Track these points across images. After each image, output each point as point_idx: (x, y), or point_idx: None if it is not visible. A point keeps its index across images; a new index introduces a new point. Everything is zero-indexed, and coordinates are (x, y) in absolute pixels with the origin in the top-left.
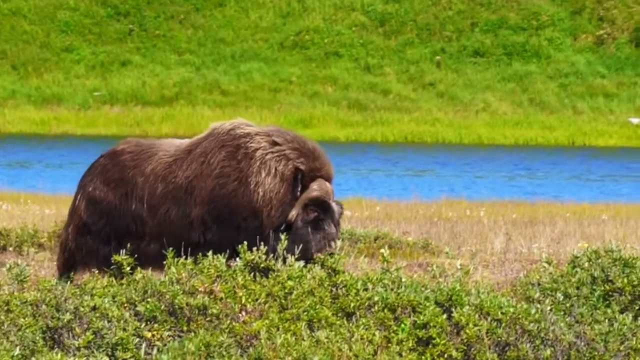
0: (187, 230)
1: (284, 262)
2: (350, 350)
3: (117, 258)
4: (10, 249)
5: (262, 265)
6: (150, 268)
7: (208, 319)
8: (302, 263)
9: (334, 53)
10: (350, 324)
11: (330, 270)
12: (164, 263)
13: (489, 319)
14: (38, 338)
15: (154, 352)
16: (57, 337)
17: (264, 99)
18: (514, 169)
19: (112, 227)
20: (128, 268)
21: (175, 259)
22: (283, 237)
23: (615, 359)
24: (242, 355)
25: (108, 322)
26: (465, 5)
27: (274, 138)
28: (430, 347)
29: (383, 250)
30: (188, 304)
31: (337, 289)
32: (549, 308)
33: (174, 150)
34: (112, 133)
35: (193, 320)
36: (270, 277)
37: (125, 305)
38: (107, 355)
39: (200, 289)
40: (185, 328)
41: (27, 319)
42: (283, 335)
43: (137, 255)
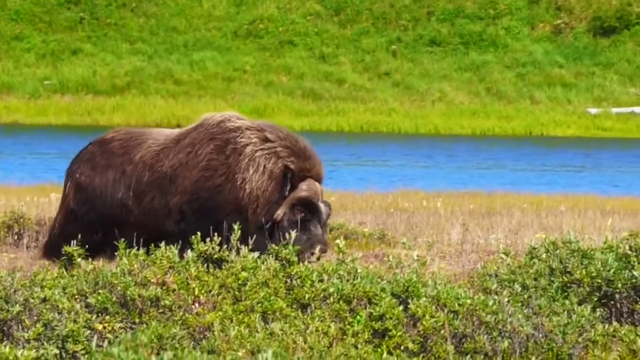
0: (164, 219)
1: (238, 253)
2: (305, 343)
3: (67, 249)
4: None
5: (215, 256)
6: None
7: (160, 311)
8: (256, 254)
9: (289, 42)
10: (305, 316)
11: (285, 262)
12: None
13: (446, 311)
14: None
15: (105, 344)
16: (6, 329)
17: (218, 89)
18: (471, 160)
19: (97, 214)
20: (79, 259)
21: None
22: (236, 226)
23: (574, 351)
24: (195, 347)
25: (58, 314)
26: None
27: (266, 134)
28: (387, 339)
29: (338, 241)
30: (140, 296)
31: (291, 280)
32: (507, 299)
33: (163, 139)
34: (62, 122)
35: (145, 312)
36: (224, 268)
37: (76, 297)
38: (57, 348)
39: (153, 280)
40: (137, 320)
41: None
42: (237, 327)
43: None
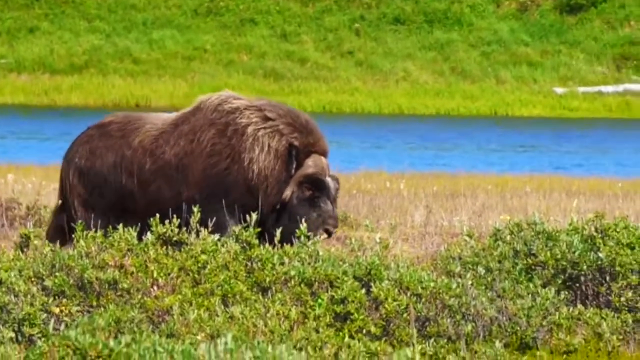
0: (175, 209)
1: (198, 235)
2: (266, 326)
3: (23, 231)
4: None
5: (174, 239)
6: None
7: (118, 294)
8: (216, 236)
9: (250, 20)
10: (266, 299)
11: (245, 244)
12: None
13: (409, 294)
14: None
15: (62, 327)
16: None
17: (177, 68)
18: (435, 140)
19: (106, 200)
20: (35, 241)
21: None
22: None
23: (538, 334)
24: (153, 331)
25: (14, 296)
26: None
27: (266, 113)
28: (348, 322)
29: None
30: (98, 279)
31: (252, 263)
32: (470, 282)
33: (161, 124)
34: (19, 102)
35: (103, 295)
36: (184, 250)
37: (33, 280)
38: (13, 331)
39: (111, 263)
40: (95, 303)
41: None
42: (196, 311)
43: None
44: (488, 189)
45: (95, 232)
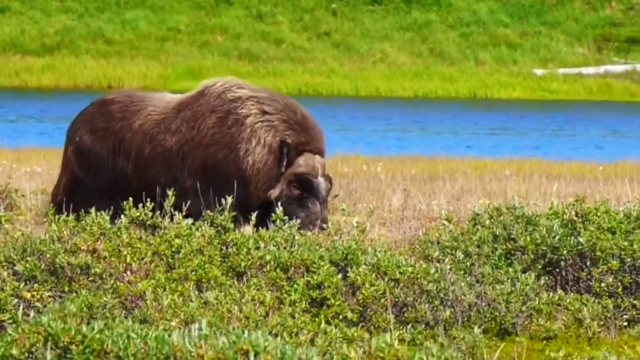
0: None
1: (172, 219)
2: (241, 312)
3: None
4: None
5: (148, 223)
6: None
7: (91, 279)
8: (190, 220)
9: (225, 0)
10: (241, 284)
11: (220, 228)
12: None
13: (386, 279)
14: None
15: (33, 313)
16: None
17: (151, 49)
18: (413, 122)
19: (101, 181)
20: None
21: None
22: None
23: (517, 320)
24: (126, 317)
25: None
26: None
27: (264, 106)
28: (325, 308)
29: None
30: (69, 263)
31: (227, 248)
32: (449, 267)
33: (163, 108)
34: None
35: (75, 280)
36: (157, 235)
37: (3, 264)
38: None
39: (83, 248)
40: (67, 288)
41: None
42: (170, 296)
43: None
44: (467, 173)
45: (83, 213)
